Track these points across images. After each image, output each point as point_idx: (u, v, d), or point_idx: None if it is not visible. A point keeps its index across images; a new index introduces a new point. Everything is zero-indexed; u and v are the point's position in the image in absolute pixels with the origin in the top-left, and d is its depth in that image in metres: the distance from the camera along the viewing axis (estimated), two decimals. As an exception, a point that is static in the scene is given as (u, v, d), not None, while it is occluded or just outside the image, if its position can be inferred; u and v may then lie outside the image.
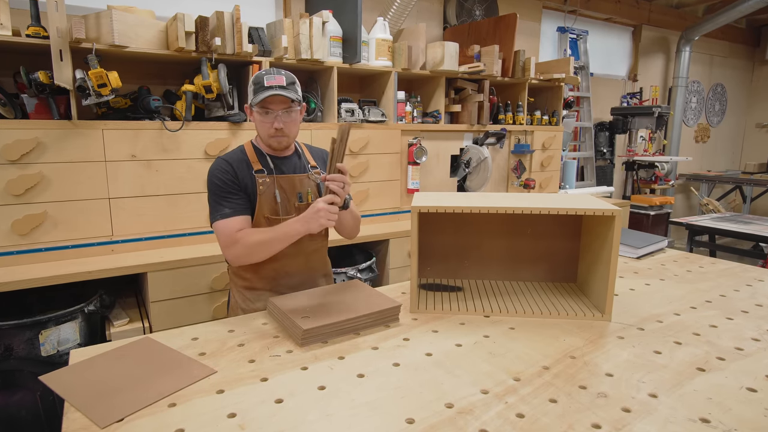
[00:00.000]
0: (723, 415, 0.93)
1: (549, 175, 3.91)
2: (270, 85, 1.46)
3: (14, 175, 1.98)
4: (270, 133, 1.51)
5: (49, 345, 1.80)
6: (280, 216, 1.55)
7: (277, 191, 1.55)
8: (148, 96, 2.28)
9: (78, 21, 1.97)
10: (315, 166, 1.66)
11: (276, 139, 1.53)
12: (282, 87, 1.47)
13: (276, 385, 1.05)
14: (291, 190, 1.59)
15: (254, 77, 1.50)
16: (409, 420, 0.92)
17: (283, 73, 1.50)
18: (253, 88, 1.49)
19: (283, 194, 1.57)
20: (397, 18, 3.27)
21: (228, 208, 1.48)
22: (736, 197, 6.29)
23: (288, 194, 1.58)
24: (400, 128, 3.00)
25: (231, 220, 1.47)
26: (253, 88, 1.49)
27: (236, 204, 1.49)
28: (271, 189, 1.55)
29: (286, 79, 1.49)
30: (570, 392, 1.01)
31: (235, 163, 1.53)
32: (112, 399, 0.99)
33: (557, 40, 4.88)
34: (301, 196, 1.60)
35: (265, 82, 1.46)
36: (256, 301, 1.63)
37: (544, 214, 1.52)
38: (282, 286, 1.64)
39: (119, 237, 2.23)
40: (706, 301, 1.56)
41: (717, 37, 6.23)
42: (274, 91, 1.45)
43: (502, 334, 1.32)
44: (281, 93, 1.45)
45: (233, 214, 1.48)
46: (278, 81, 1.47)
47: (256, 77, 1.49)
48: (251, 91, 1.49)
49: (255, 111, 1.50)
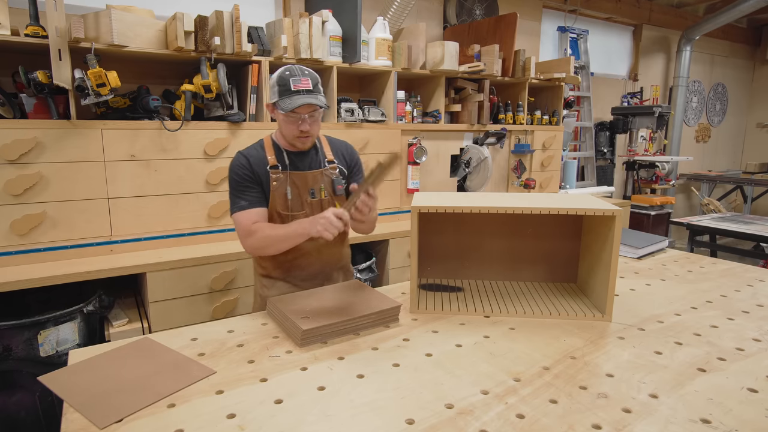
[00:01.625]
0: (724, 416, 0.93)
1: (549, 175, 3.91)
2: (297, 89, 1.47)
3: (13, 175, 1.97)
4: (295, 134, 1.54)
5: (48, 345, 1.80)
6: (290, 212, 1.59)
7: (289, 188, 1.58)
8: (147, 96, 2.27)
9: (77, 20, 1.97)
10: (332, 161, 1.66)
11: (301, 140, 1.57)
12: (309, 92, 1.48)
13: (275, 385, 1.05)
14: (303, 186, 1.61)
15: (278, 77, 1.50)
16: (409, 420, 0.92)
17: (308, 74, 1.50)
18: (278, 90, 1.49)
19: (295, 190, 1.60)
20: (396, 17, 3.27)
21: (244, 200, 1.55)
22: (737, 197, 6.29)
23: (300, 190, 1.61)
24: (400, 128, 3.00)
25: (247, 212, 1.54)
26: (278, 89, 1.49)
27: (252, 197, 1.56)
28: (283, 185, 1.58)
29: (312, 81, 1.50)
30: (570, 393, 1.01)
31: (253, 158, 1.58)
32: (111, 399, 0.99)
33: (557, 40, 4.88)
34: (313, 192, 1.62)
35: (292, 85, 1.47)
36: (271, 288, 1.69)
37: (544, 214, 1.51)
38: (295, 278, 1.68)
39: (118, 237, 2.23)
40: (706, 302, 1.55)
41: (718, 36, 6.22)
42: (304, 100, 1.46)
43: (503, 334, 1.31)
44: (310, 101, 1.47)
45: (249, 207, 1.55)
46: (305, 84, 1.48)
47: (281, 78, 1.49)
48: (275, 91, 1.50)
49: (280, 112, 1.51)
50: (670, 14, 5.72)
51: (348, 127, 2.79)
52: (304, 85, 1.48)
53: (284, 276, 1.69)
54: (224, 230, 2.48)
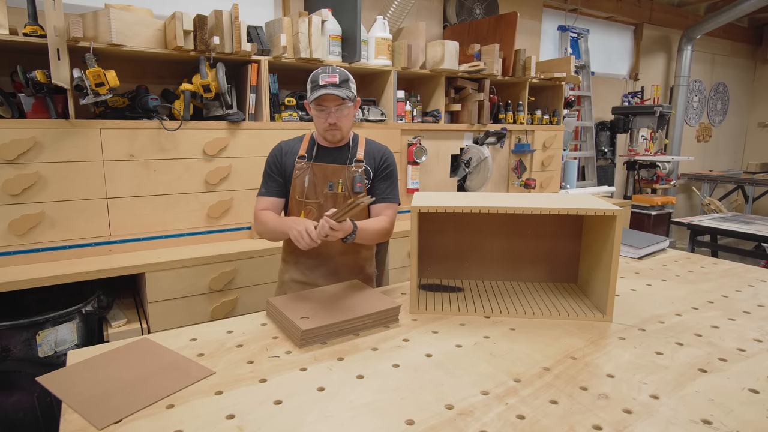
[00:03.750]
0: (725, 417, 0.93)
1: (550, 174, 3.90)
2: (324, 84, 1.58)
3: (11, 175, 1.97)
4: (325, 127, 1.65)
5: (47, 346, 1.79)
6: (305, 200, 1.71)
7: (308, 176, 1.70)
8: (146, 95, 2.27)
9: (75, 20, 1.96)
10: (360, 160, 1.72)
11: (330, 132, 1.67)
12: (335, 86, 1.58)
13: (275, 386, 1.04)
14: (322, 178, 1.71)
15: (312, 75, 1.63)
16: (409, 421, 0.91)
17: (338, 71, 1.61)
18: (310, 86, 1.63)
19: (313, 180, 1.70)
20: (396, 17, 3.26)
21: (264, 187, 1.75)
22: (738, 197, 6.28)
23: (318, 180, 1.71)
24: (399, 128, 2.99)
25: (261, 199, 1.74)
26: (310, 86, 1.63)
27: (271, 186, 1.74)
28: (304, 173, 1.71)
29: (339, 77, 1.60)
30: (571, 393, 1.01)
31: (286, 148, 1.75)
32: (109, 400, 0.98)
33: (558, 39, 4.87)
34: (331, 185, 1.70)
35: (320, 80, 1.59)
36: (284, 273, 1.84)
37: (544, 214, 1.51)
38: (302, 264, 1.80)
39: (117, 237, 2.22)
40: (707, 302, 1.55)
41: (719, 35, 6.21)
42: (327, 90, 1.57)
43: (503, 334, 1.31)
44: (333, 92, 1.57)
45: (266, 194, 1.74)
46: (331, 79, 1.59)
47: (313, 75, 1.62)
48: (309, 88, 1.64)
49: (312, 107, 1.65)
50: (670, 13, 5.71)
51: (348, 126, 2.78)
52: (330, 80, 1.59)
53: (295, 261, 1.80)
54: (223, 230, 2.48)
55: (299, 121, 2.65)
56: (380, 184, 1.73)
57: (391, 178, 1.76)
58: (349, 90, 1.62)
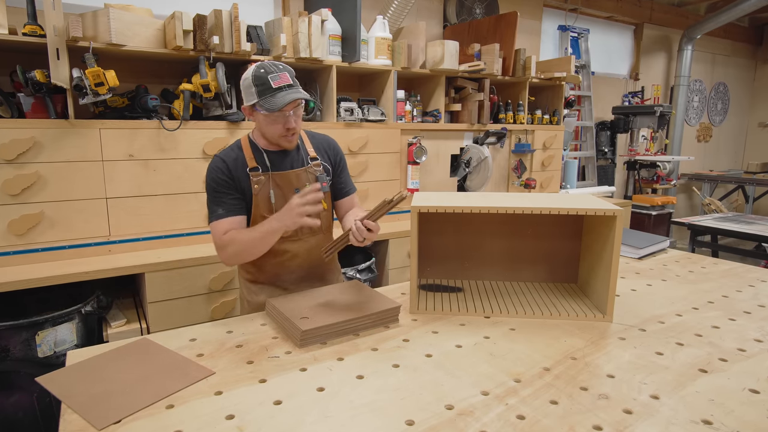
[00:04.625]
0: (725, 417, 0.92)
1: (550, 174, 3.90)
2: (279, 86, 1.39)
3: (11, 175, 1.97)
4: (281, 133, 1.47)
5: (46, 346, 1.79)
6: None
7: (272, 190, 1.51)
8: (146, 95, 2.26)
9: (75, 19, 1.96)
10: (315, 158, 1.59)
11: (287, 138, 1.49)
12: (290, 86, 1.41)
13: (275, 386, 1.04)
14: (288, 187, 1.53)
15: (254, 76, 1.41)
16: (409, 422, 0.91)
17: (283, 68, 1.43)
18: (257, 90, 1.40)
19: (279, 192, 1.52)
20: (396, 16, 3.26)
21: (222, 209, 1.46)
22: (738, 197, 6.27)
23: (284, 191, 1.53)
24: (399, 127, 2.99)
25: (222, 221, 1.46)
26: (255, 89, 1.40)
27: (229, 205, 1.47)
28: (266, 187, 1.51)
29: (289, 75, 1.43)
30: (571, 394, 1.00)
31: (231, 162, 1.48)
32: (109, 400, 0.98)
33: (558, 39, 4.87)
34: (298, 191, 1.51)
35: (272, 82, 1.39)
36: (259, 293, 1.62)
37: (544, 214, 1.51)
38: (284, 281, 1.63)
39: (116, 237, 2.22)
40: (708, 302, 1.55)
41: (719, 35, 6.21)
42: (291, 95, 1.40)
43: (503, 335, 1.31)
44: (296, 96, 1.41)
45: (225, 215, 1.46)
46: (284, 80, 1.41)
47: (257, 77, 1.40)
48: (253, 92, 1.41)
49: (262, 113, 1.43)
50: (671, 13, 5.71)
51: (347, 126, 2.78)
52: (284, 81, 1.40)
53: (273, 280, 1.62)
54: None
55: (299, 120, 2.65)
56: (341, 176, 1.66)
57: (346, 167, 1.68)
58: (300, 86, 1.45)
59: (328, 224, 1.67)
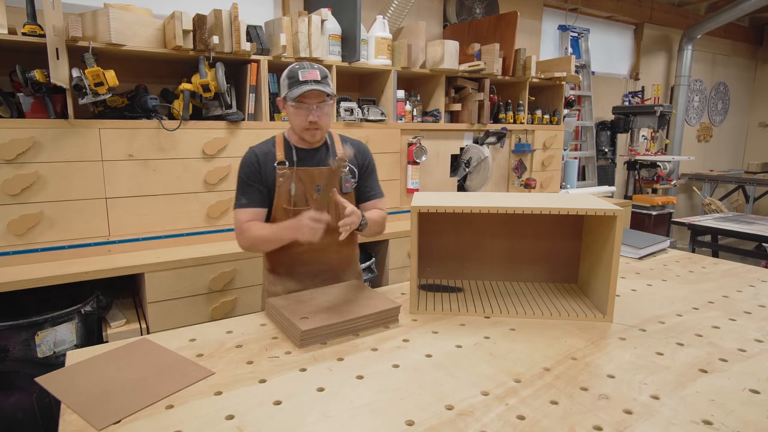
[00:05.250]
0: (725, 417, 0.92)
1: (550, 174, 3.90)
2: (306, 80, 1.50)
3: (10, 175, 1.96)
4: (305, 125, 1.55)
5: (46, 346, 1.79)
6: (293, 207, 1.60)
7: (293, 183, 1.59)
8: (146, 95, 2.26)
9: (74, 19, 1.96)
10: (343, 159, 1.66)
11: (310, 132, 1.57)
12: (317, 81, 1.51)
13: (274, 386, 1.04)
14: (309, 182, 1.61)
15: (288, 71, 1.55)
16: (409, 422, 0.91)
17: (317, 68, 1.54)
18: (288, 82, 1.53)
19: (300, 186, 1.60)
20: (396, 16, 3.26)
21: (245, 198, 1.59)
22: (738, 197, 6.27)
23: (306, 186, 1.61)
24: (399, 127, 2.99)
25: (244, 211, 1.59)
26: (287, 82, 1.53)
27: (253, 197, 1.59)
28: (288, 180, 1.60)
29: (320, 74, 1.53)
30: (571, 394, 1.00)
31: (262, 156, 1.60)
32: (109, 401, 0.98)
33: (558, 39, 4.87)
34: (319, 188, 1.62)
35: (300, 76, 1.51)
36: (277, 284, 1.69)
37: (545, 214, 1.50)
38: (300, 273, 1.69)
39: (116, 237, 2.22)
40: (708, 302, 1.55)
41: (719, 35, 6.21)
42: (311, 86, 1.49)
43: (503, 335, 1.30)
44: (317, 88, 1.50)
45: (248, 206, 1.59)
46: (313, 75, 1.52)
47: (291, 71, 1.54)
48: (285, 84, 1.54)
49: (290, 105, 1.54)
50: (671, 13, 5.71)
51: (347, 126, 2.78)
52: (311, 76, 1.51)
53: (289, 271, 1.69)
54: (223, 230, 2.47)
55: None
56: (367, 180, 1.72)
57: (374, 171, 1.75)
58: (329, 86, 1.55)
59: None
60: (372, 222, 1.58)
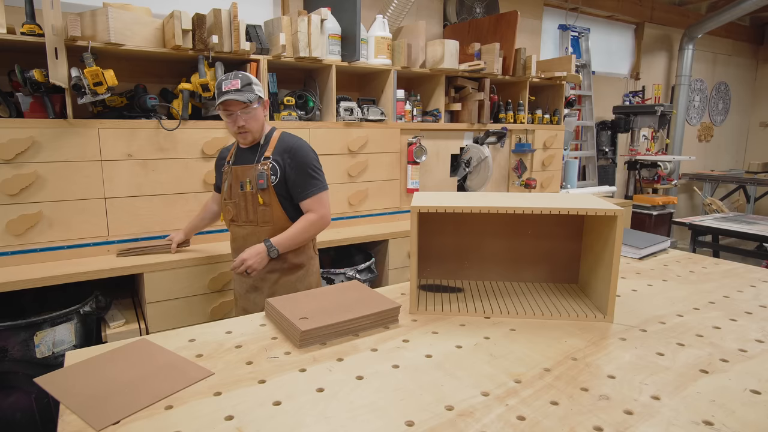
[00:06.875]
0: (726, 418, 0.92)
1: (550, 174, 3.89)
2: (227, 90, 1.69)
3: (9, 175, 1.96)
4: (234, 130, 1.78)
5: (44, 347, 1.79)
6: (225, 200, 1.89)
7: (228, 179, 1.87)
8: (145, 94, 2.26)
9: (73, 18, 1.96)
10: (267, 157, 1.80)
11: (240, 135, 1.80)
12: (237, 90, 1.68)
13: (274, 387, 1.03)
14: (236, 179, 1.84)
15: (217, 82, 1.74)
16: (409, 422, 0.90)
17: (240, 77, 1.71)
18: (216, 93, 1.73)
19: (230, 182, 1.87)
20: (396, 16, 3.25)
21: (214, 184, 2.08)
22: (739, 197, 6.27)
23: (233, 182, 1.85)
24: (399, 127, 2.98)
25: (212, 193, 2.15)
26: (216, 93, 1.73)
27: (217, 183, 2.02)
28: (227, 176, 1.88)
29: (241, 82, 1.70)
30: (571, 394, 1.00)
31: (222, 153, 2.00)
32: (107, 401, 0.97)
33: (559, 38, 4.86)
34: (242, 185, 1.82)
35: (223, 87, 1.71)
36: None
37: (545, 214, 1.50)
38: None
39: (115, 237, 2.22)
40: (709, 302, 1.54)
41: (720, 34, 6.20)
42: (229, 96, 1.68)
43: (503, 335, 1.30)
44: (234, 97, 1.68)
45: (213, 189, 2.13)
46: (233, 85, 1.69)
47: (218, 83, 1.73)
48: (216, 96, 1.74)
49: (220, 113, 1.76)
50: (672, 12, 5.70)
51: (347, 126, 2.78)
52: (232, 86, 1.69)
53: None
54: (222, 230, 2.47)
55: (298, 120, 2.65)
56: (296, 178, 1.79)
57: (303, 170, 1.80)
58: (251, 93, 1.70)
59: (266, 218, 1.84)
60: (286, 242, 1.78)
